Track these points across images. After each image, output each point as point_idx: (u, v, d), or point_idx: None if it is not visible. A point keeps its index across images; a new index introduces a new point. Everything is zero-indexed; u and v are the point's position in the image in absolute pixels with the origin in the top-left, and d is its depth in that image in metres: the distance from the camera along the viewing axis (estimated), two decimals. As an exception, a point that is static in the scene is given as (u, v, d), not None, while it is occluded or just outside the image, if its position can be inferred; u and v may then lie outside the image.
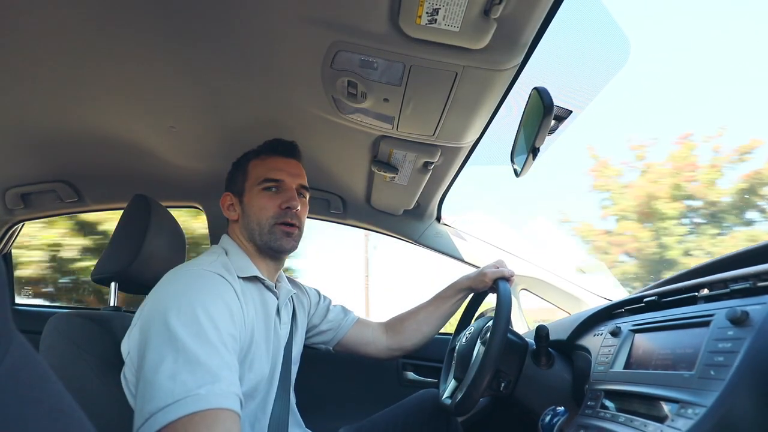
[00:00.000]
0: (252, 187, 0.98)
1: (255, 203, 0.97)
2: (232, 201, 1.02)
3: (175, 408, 0.65)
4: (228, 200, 1.03)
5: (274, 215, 0.96)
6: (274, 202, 0.96)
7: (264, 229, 0.95)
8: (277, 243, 0.96)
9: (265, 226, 0.95)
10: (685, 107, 16.78)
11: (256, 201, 0.97)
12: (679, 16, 21.72)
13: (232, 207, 1.02)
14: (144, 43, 0.87)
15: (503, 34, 0.72)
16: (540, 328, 0.93)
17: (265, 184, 0.97)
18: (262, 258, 0.99)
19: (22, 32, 0.84)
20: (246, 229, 0.98)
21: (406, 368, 1.65)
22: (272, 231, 0.95)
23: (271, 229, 0.95)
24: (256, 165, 1.01)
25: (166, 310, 0.74)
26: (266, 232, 0.95)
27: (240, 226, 1.00)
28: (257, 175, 0.99)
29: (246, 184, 1.00)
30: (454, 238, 1.65)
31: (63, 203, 1.59)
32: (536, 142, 0.84)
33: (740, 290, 0.58)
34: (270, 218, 0.95)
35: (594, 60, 0.97)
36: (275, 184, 0.98)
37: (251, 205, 0.97)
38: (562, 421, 0.78)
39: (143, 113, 1.13)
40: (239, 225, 1.00)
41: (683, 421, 0.50)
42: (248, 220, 0.97)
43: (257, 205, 0.96)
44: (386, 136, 1.10)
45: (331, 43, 0.80)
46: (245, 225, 0.98)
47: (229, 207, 1.02)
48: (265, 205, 0.96)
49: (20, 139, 1.26)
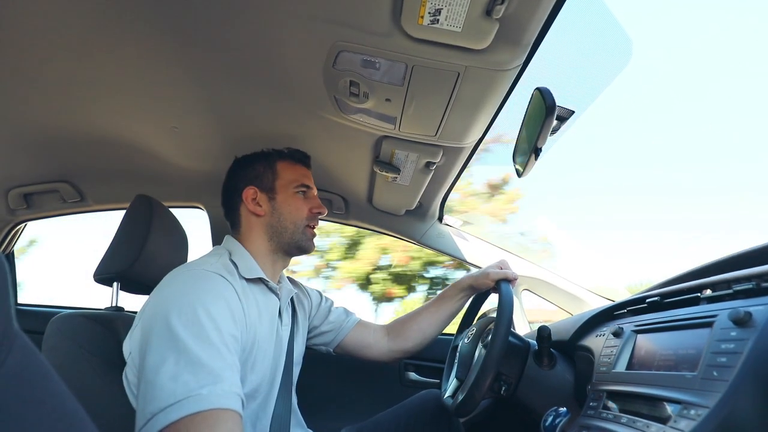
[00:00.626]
0: (286, 188, 1.02)
1: (291, 204, 1.01)
2: (258, 196, 1.01)
3: (176, 408, 0.65)
4: (252, 194, 1.01)
5: (307, 217, 1.02)
6: (307, 206, 1.03)
7: (299, 229, 1.01)
8: (307, 243, 1.02)
9: (300, 226, 1.01)
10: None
11: (293, 202, 1.02)
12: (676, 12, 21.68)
13: (256, 202, 1.01)
14: (147, 43, 0.87)
15: (505, 35, 0.72)
16: (542, 328, 0.92)
17: (300, 188, 1.03)
18: (274, 257, 1.01)
19: (24, 32, 0.85)
20: (273, 226, 1.00)
21: (408, 369, 1.65)
22: (304, 231, 1.02)
23: (303, 230, 1.02)
24: (286, 168, 1.04)
25: (168, 311, 0.74)
26: (300, 232, 1.01)
27: (264, 223, 1.00)
28: (291, 177, 1.03)
29: (277, 184, 1.02)
30: (456, 239, 1.65)
31: (65, 203, 1.59)
32: (538, 142, 0.84)
33: (743, 291, 0.57)
34: (304, 219, 1.02)
35: (596, 59, 0.97)
36: (306, 189, 1.05)
37: (287, 205, 1.01)
38: (564, 421, 0.78)
39: (146, 113, 1.13)
40: (263, 222, 1.00)
41: (686, 422, 0.50)
42: (281, 218, 1.00)
43: (294, 206, 1.01)
44: (388, 136, 1.10)
45: (333, 43, 0.80)
46: (274, 222, 1.00)
47: (253, 201, 1.01)
48: (301, 207, 1.02)
49: (23, 140, 1.26)
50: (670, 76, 19.13)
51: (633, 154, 16.16)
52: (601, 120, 12.26)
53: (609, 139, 13.97)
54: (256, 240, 1.00)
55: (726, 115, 15.17)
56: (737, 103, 14.87)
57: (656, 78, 19.26)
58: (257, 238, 1.00)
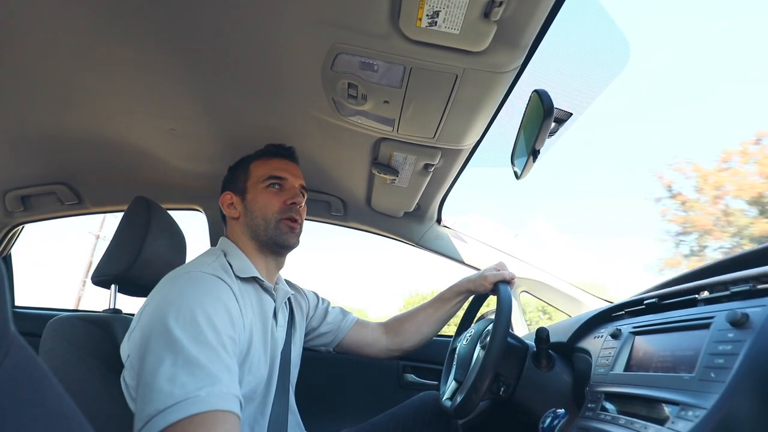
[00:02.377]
0: (256, 185, 1.01)
1: (260, 200, 0.99)
2: (233, 200, 1.03)
3: (174, 410, 0.65)
4: (228, 199, 1.03)
5: (279, 210, 0.99)
6: (279, 198, 1.00)
7: (270, 224, 0.98)
8: (283, 237, 0.98)
9: (271, 221, 0.98)
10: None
11: (261, 198, 0.99)
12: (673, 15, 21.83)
13: (232, 206, 1.02)
14: (144, 46, 0.87)
15: (503, 37, 0.72)
16: (540, 330, 0.93)
17: (270, 181, 1.01)
18: (263, 257, 1.00)
19: (23, 34, 0.85)
20: (249, 226, 0.99)
21: (407, 370, 1.65)
22: (278, 226, 0.98)
23: (276, 224, 0.98)
24: (258, 165, 1.04)
25: (165, 314, 0.74)
26: (272, 227, 0.98)
27: (242, 224, 1.00)
28: (261, 173, 1.02)
29: (248, 183, 1.02)
30: (455, 240, 1.65)
31: (63, 206, 1.59)
32: (536, 144, 0.84)
33: (740, 292, 0.58)
34: (276, 213, 0.98)
35: (594, 62, 0.97)
36: (279, 181, 1.01)
37: (256, 202, 1.00)
38: (562, 423, 0.78)
39: (144, 116, 1.13)
40: (240, 223, 1.01)
41: (683, 423, 0.50)
42: (252, 216, 0.99)
43: (262, 202, 0.99)
44: (386, 138, 1.10)
45: (331, 45, 0.80)
46: (248, 222, 0.99)
47: (229, 206, 1.03)
48: (271, 201, 0.99)
49: (20, 142, 1.26)
50: (667, 79, 19.25)
51: (632, 156, 16.23)
52: (601, 121, 12.33)
53: (609, 140, 14.04)
54: (241, 242, 1.00)
55: (726, 117, 15.14)
56: (737, 104, 14.80)
57: (654, 81, 19.39)
58: (241, 240, 1.00)
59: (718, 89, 18.28)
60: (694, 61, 23.54)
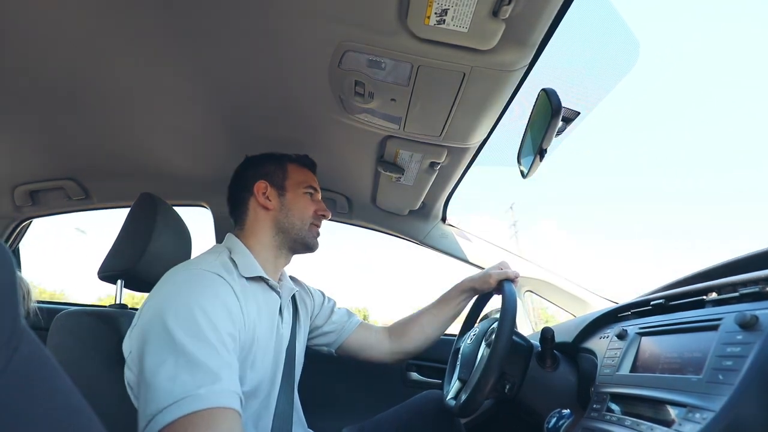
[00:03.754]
0: (296, 187, 1.07)
1: (300, 202, 1.06)
2: (268, 191, 1.04)
3: (174, 408, 0.65)
4: (263, 188, 1.04)
5: (312, 216, 1.07)
6: (313, 206, 1.08)
7: (305, 225, 1.05)
8: (312, 240, 1.07)
9: (306, 222, 1.05)
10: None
11: (301, 201, 1.06)
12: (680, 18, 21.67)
13: (266, 196, 1.04)
14: (151, 42, 0.87)
15: (512, 35, 0.72)
16: (545, 330, 0.92)
17: (309, 189, 1.09)
18: (278, 252, 1.02)
19: (31, 31, 0.85)
20: (281, 221, 1.03)
21: (410, 369, 1.65)
22: (310, 229, 1.06)
23: (309, 227, 1.06)
24: (295, 169, 1.09)
25: (164, 312, 0.74)
26: (306, 229, 1.05)
27: (272, 217, 1.03)
28: (300, 179, 1.08)
29: (287, 183, 1.07)
30: (459, 239, 1.65)
31: (71, 201, 1.60)
32: (543, 143, 0.83)
33: (750, 294, 0.57)
34: (310, 217, 1.06)
35: (602, 61, 0.96)
36: (313, 192, 1.10)
37: (296, 202, 1.05)
38: (567, 424, 0.78)
39: (151, 112, 1.14)
40: (270, 216, 1.03)
41: (690, 425, 0.50)
42: (289, 214, 1.04)
43: (302, 204, 1.06)
44: (393, 136, 1.10)
45: (338, 43, 0.80)
46: (281, 218, 1.03)
47: (263, 194, 1.04)
48: (308, 206, 1.07)
49: (29, 137, 1.27)
50: (675, 81, 19.12)
51: (636, 160, 16.14)
52: (608, 124, 12.27)
53: (613, 143, 13.98)
54: (261, 234, 1.01)
55: (731, 120, 14.96)
56: (742, 108, 14.62)
57: (661, 83, 19.25)
58: (262, 232, 1.01)
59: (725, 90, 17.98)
60: (703, 63, 23.17)
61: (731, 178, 36.10)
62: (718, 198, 34.80)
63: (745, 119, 40.37)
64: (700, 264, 0.81)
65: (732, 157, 37.53)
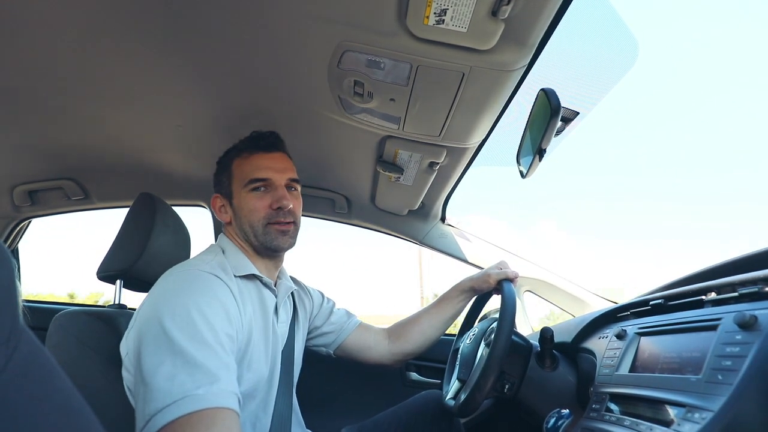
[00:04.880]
0: (239, 189, 0.96)
1: (244, 206, 0.95)
2: (223, 203, 1.00)
3: (173, 408, 0.65)
4: (218, 202, 1.01)
5: (265, 216, 0.94)
6: (264, 203, 0.94)
7: (258, 231, 0.94)
8: (274, 243, 0.94)
9: (258, 228, 0.94)
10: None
11: (246, 203, 0.95)
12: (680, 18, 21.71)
13: (223, 209, 1.00)
14: (151, 42, 0.87)
15: (511, 35, 0.72)
16: (545, 330, 0.92)
17: (252, 185, 0.95)
18: (260, 257, 0.99)
19: (29, 30, 0.85)
20: (240, 230, 0.97)
21: (409, 368, 1.65)
22: (266, 232, 0.94)
23: (264, 230, 0.94)
24: (239, 164, 0.98)
25: (161, 313, 0.74)
26: (261, 233, 0.94)
27: (234, 227, 0.98)
28: (242, 175, 0.96)
29: (233, 186, 0.97)
30: (459, 239, 1.65)
31: (69, 201, 1.60)
32: (542, 143, 0.84)
33: (748, 294, 0.57)
34: (262, 219, 0.94)
35: (602, 61, 0.96)
36: (263, 183, 0.95)
37: (241, 208, 0.95)
38: (566, 423, 0.78)
39: (150, 112, 1.13)
40: (233, 227, 0.99)
41: (689, 425, 0.50)
42: (240, 222, 0.96)
43: (247, 208, 0.94)
44: (392, 136, 1.10)
45: (338, 42, 0.80)
46: (239, 227, 0.97)
47: (220, 209, 1.00)
48: (255, 206, 0.94)
49: (28, 137, 1.27)
50: (675, 81, 19.16)
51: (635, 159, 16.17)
52: (606, 124, 12.30)
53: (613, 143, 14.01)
54: (239, 243, 0.98)
55: (731, 120, 14.97)
56: (742, 108, 14.61)
57: (661, 83, 19.29)
58: (236, 242, 0.98)
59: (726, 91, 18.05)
60: (702, 63, 23.26)
61: (731, 179, 35.59)
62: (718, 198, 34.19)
63: (746, 119, 40.11)
64: (700, 264, 0.81)
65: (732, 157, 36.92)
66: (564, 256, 20.73)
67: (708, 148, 42.36)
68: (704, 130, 45.63)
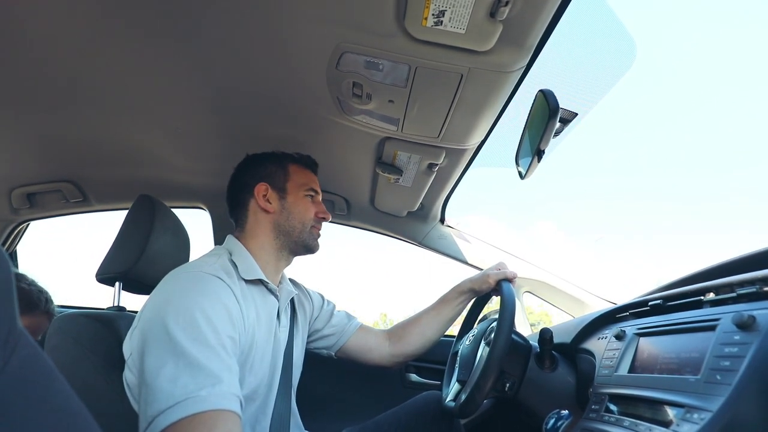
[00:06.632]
0: (297, 190, 1.06)
1: (300, 205, 1.05)
2: (269, 194, 1.03)
3: (175, 410, 0.65)
4: (264, 190, 1.03)
5: (313, 219, 1.06)
6: (314, 209, 1.07)
7: (306, 227, 1.04)
8: (313, 242, 1.07)
9: (307, 225, 1.05)
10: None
11: (302, 203, 1.05)
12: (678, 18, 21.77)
13: (266, 199, 1.03)
14: (150, 43, 0.87)
15: (509, 36, 0.72)
16: (544, 330, 0.92)
17: (309, 192, 1.07)
18: (279, 254, 1.02)
19: (28, 32, 0.85)
20: (281, 224, 1.02)
21: (409, 370, 1.65)
22: (311, 231, 1.06)
23: (310, 230, 1.05)
24: (297, 171, 1.07)
25: (165, 315, 0.74)
26: (307, 231, 1.05)
27: (272, 220, 1.02)
28: (301, 181, 1.07)
29: (288, 185, 1.05)
30: (458, 240, 1.65)
31: (68, 203, 1.60)
32: (541, 144, 0.84)
33: (747, 294, 0.57)
34: (311, 220, 1.06)
35: (600, 62, 0.97)
36: (314, 194, 1.08)
37: (296, 205, 1.04)
38: (566, 424, 0.78)
39: (149, 114, 1.13)
40: (270, 219, 1.02)
41: (688, 425, 0.50)
42: (289, 216, 1.03)
43: (303, 207, 1.05)
44: (391, 137, 1.10)
45: (336, 44, 0.80)
46: (282, 221, 1.02)
47: (263, 197, 1.03)
48: (309, 208, 1.06)
49: (26, 139, 1.27)
50: (675, 81, 19.20)
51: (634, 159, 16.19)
52: (605, 125, 12.32)
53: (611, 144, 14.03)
54: (261, 237, 1.00)
55: (731, 120, 14.99)
56: (742, 108, 14.64)
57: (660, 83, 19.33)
58: (263, 235, 1.01)
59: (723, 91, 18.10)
60: (700, 64, 23.46)
61: (731, 178, 36.32)
62: (718, 198, 34.83)
63: (745, 119, 40.75)
64: (699, 264, 0.81)
65: (731, 157, 37.58)
66: (563, 256, 20.97)
67: (707, 148, 42.56)
68: (704, 130, 45.87)
